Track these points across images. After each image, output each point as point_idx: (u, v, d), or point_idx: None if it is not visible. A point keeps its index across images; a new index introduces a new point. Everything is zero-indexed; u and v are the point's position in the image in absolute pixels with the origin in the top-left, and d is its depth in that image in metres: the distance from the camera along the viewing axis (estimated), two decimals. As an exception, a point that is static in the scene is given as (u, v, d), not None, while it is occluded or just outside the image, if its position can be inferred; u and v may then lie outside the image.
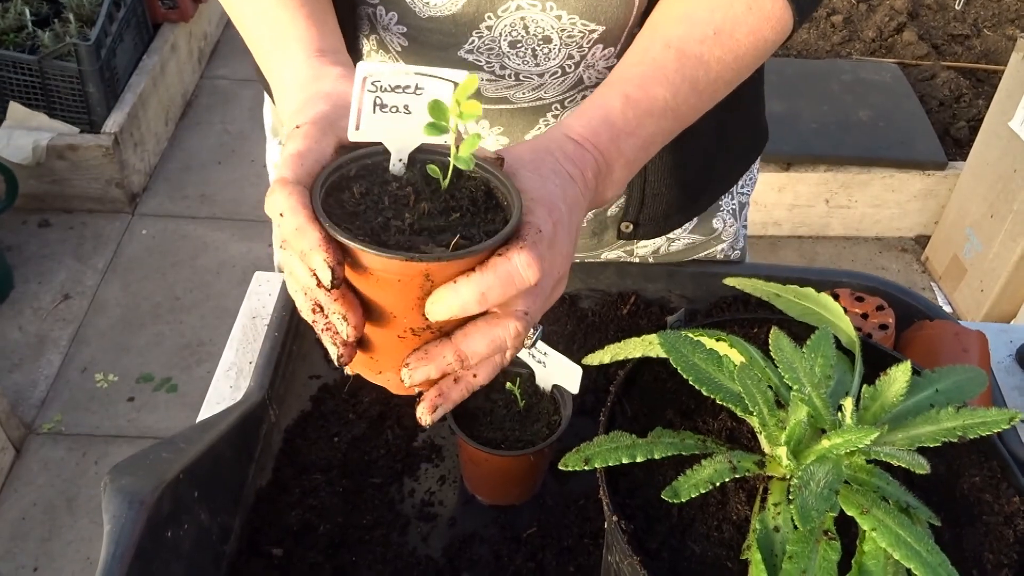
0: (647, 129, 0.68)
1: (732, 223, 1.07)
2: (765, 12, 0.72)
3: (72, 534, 2.08)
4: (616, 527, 0.61)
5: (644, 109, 0.68)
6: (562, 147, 0.63)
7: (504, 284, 0.53)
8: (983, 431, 0.61)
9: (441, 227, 0.54)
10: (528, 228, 0.54)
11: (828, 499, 0.56)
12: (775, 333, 0.66)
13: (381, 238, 0.52)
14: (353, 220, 0.53)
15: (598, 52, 0.80)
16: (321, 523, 0.84)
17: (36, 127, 2.74)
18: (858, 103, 2.91)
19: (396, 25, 0.80)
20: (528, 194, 0.57)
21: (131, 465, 0.71)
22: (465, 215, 0.55)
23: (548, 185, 0.59)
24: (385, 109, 0.55)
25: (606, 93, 0.68)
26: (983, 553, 0.63)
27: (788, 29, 0.74)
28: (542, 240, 0.54)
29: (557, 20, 0.77)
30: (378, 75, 0.54)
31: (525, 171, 0.59)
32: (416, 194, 0.55)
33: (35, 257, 2.74)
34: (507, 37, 0.78)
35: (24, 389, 2.38)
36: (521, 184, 0.58)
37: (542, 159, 0.61)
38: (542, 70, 0.81)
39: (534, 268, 0.53)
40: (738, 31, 0.71)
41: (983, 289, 2.63)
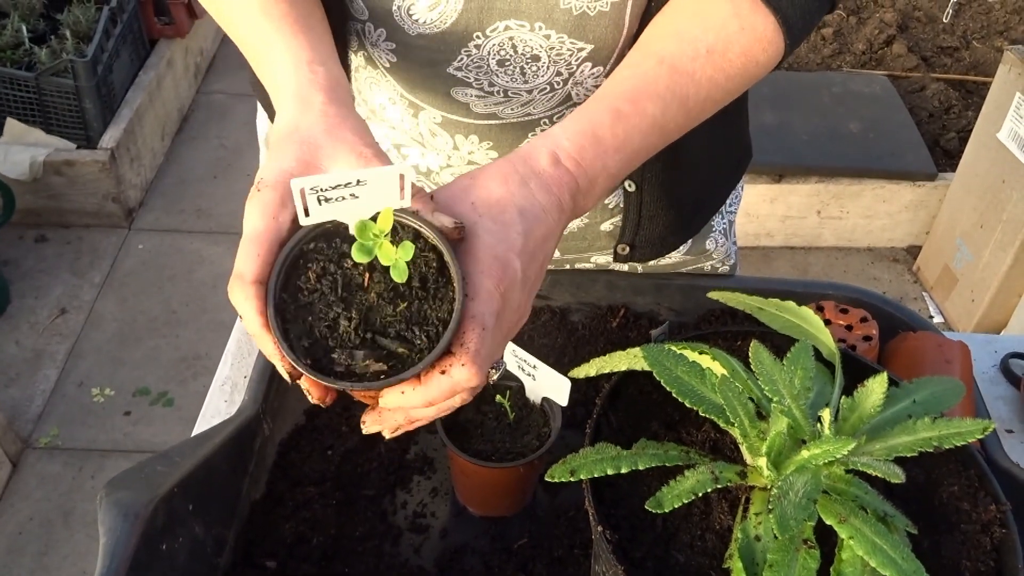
0: (633, 145, 0.69)
1: (723, 242, 1.09)
2: (757, 34, 0.73)
3: (68, 548, 2.08)
4: (601, 537, 0.62)
5: (633, 125, 0.68)
6: (539, 174, 0.64)
7: (447, 393, 0.57)
8: (958, 441, 0.63)
9: (388, 322, 0.58)
10: (471, 329, 0.57)
11: (807, 508, 0.58)
12: (755, 346, 0.68)
13: (328, 344, 0.57)
14: (305, 316, 0.57)
15: (587, 70, 0.81)
16: (314, 535, 0.85)
17: (33, 143, 2.75)
18: (849, 115, 2.94)
19: (384, 42, 0.82)
20: (480, 259, 0.59)
21: (126, 478, 0.72)
22: (413, 302, 0.58)
23: (509, 235, 0.60)
24: (330, 201, 0.57)
25: (596, 107, 0.69)
26: (961, 560, 0.64)
27: (780, 53, 0.75)
28: (486, 337, 0.57)
29: (545, 39, 0.78)
30: (315, 184, 0.56)
31: (487, 219, 0.60)
32: (370, 271, 0.58)
33: (32, 272, 2.75)
34: (495, 56, 0.79)
35: (21, 403, 2.39)
36: (478, 239, 0.59)
37: (511, 195, 0.62)
38: (530, 87, 0.82)
39: (476, 379, 0.57)
40: (730, 51, 0.72)
41: (974, 299, 2.65)
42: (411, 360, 0.57)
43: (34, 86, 2.69)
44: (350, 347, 0.57)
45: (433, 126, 0.88)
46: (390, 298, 0.58)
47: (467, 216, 0.60)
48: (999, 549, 0.65)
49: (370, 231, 0.56)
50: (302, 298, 0.58)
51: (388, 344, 0.57)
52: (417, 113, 0.87)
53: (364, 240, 0.56)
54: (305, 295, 0.58)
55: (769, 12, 0.72)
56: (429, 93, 0.85)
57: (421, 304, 0.58)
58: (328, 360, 0.56)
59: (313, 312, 0.57)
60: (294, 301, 0.58)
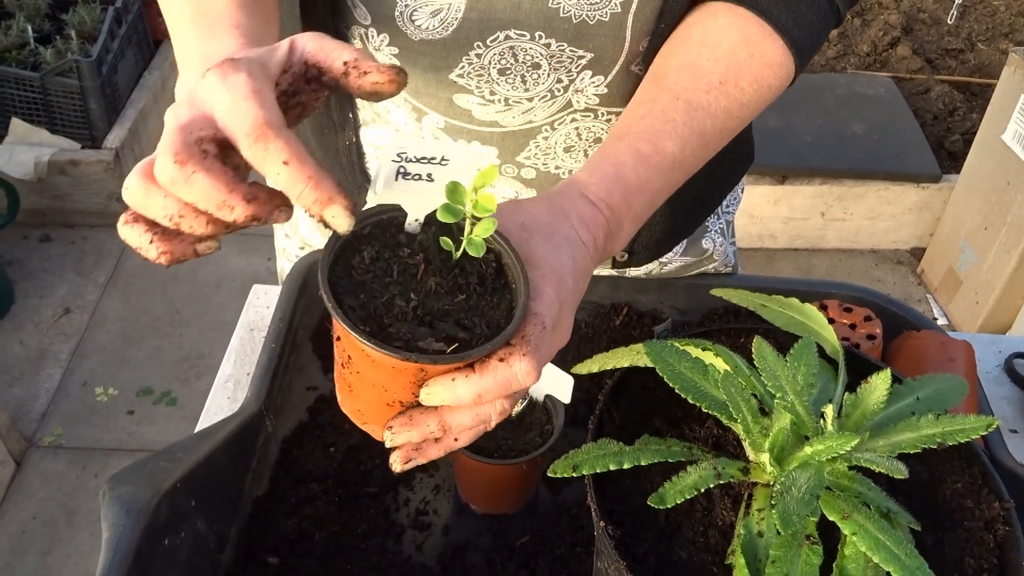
0: (656, 184, 0.69)
1: (721, 242, 1.09)
2: (767, 59, 0.73)
3: (72, 547, 2.09)
4: (604, 533, 0.62)
5: (654, 165, 0.68)
6: (578, 209, 0.63)
7: (501, 388, 0.53)
8: (962, 437, 0.63)
9: (445, 311, 0.55)
10: (533, 324, 0.54)
11: (809, 504, 0.58)
12: (758, 342, 0.67)
13: (384, 321, 0.53)
14: (358, 293, 0.54)
15: (587, 78, 0.81)
16: (317, 532, 0.85)
17: (38, 143, 2.76)
18: (853, 117, 2.94)
19: (387, 47, 0.82)
20: (539, 267, 0.57)
21: (129, 474, 0.72)
22: (471, 296, 0.56)
23: (561, 255, 0.59)
24: (408, 177, 0.55)
25: (617, 147, 0.68)
26: (964, 558, 0.64)
27: (791, 74, 0.75)
28: (545, 337, 0.54)
29: (546, 48, 0.78)
30: (405, 148, 0.54)
31: (540, 238, 0.59)
32: (426, 263, 0.56)
33: (36, 272, 2.76)
34: (496, 65, 0.80)
35: (25, 403, 2.39)
36: (534, 253, 0.58)
37: (558, 224, 0.61)
38: (531, 95, 0.82)
39: (533, 375, 0.53)
40: (742, 80, 0.72)
41: (978, 301, 2.64)
42: (471, 345, 0.53)
43: (39, 86, 2.70)
44: (409, 324, 0.53)
45: (436, 131, 0.88)
46: (448, 288, 0.55)
47: (517, 234, 0.59)
48: (1002, 546, 0.65)
49: (461, 194, 0.53)
50: (355, 276, 0.54)
51: (447, 328, 0.54)
52: (421, 118, 0.88)
53: (455, 202, 0.53)
54: (358, 274, 0.55)
55: (777, 36, 0.72)
56: (432, 98, 0.85)
57: (479, 299, 0.56)
58: (385, 334, 0.52)
59: (367, 291, 0.54)
60: (347, 277, 0.54)
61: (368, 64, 0.54)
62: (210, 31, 0.62)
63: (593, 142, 0.89)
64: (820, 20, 0.75)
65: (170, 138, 0.50)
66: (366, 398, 0.57)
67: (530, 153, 0.88)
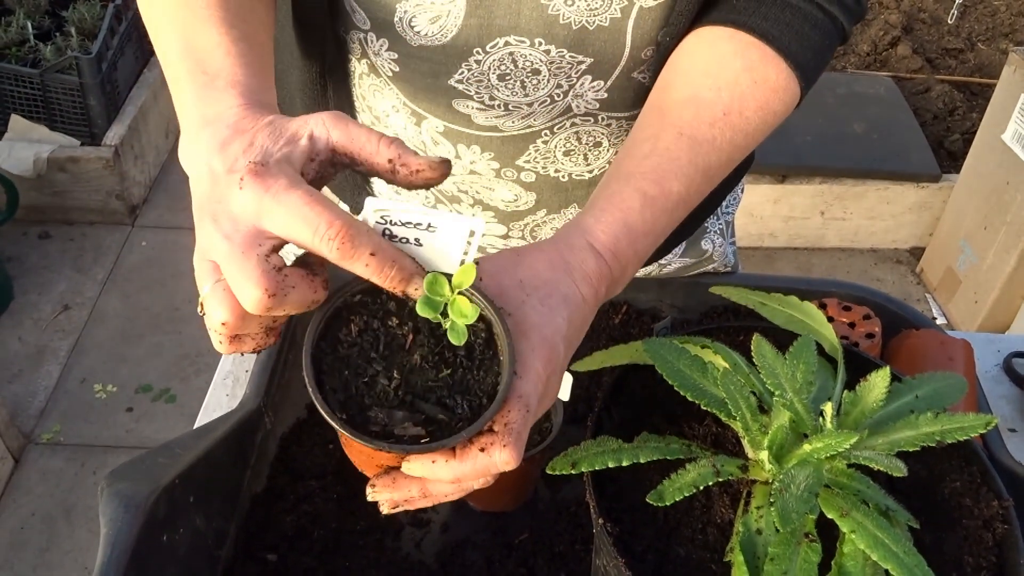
0: (661, 225, 0.68)
1: (720, 243, 1.09)
2: (771, 84, 0.71)
3: (70, 544, 2.09)
4: (603, 530, 0.62)
5: (660, 207, 0.67)
6: (582, 263, 0.62)
7: (480, 473, 0.53)
8: (960, 436, 0.63)
9: (428, 388, 0.55)
10: (517, 409, 0.54)
11: (808, 502, 0.58)
12: (757, 340, 0.67)
13: (364, 402, 0.54)
14: (342, 370, 0.54)
15: (587, 83, 0.81)
16: (315, 528, 0.85)
17: (37, 139, 2.76)
18: (853, 116, 2.94)
19: (387, 52, 0.82)
20: (531, 337, 0.56)
21: (128, 470, 0.72)
22: (457, 370, 0.55)
23: (556, 319, 0.58)
24: (395, 240, 0.54)
25: (624, 191, 0.67)
26: (963, 556, 0.64)
27: (796, 97, 0.73)
28: (528, 420, 0.54)
29: (545, 54, 0.78)
30: (388, 211, 0.53)
31: (536, 299, 0.58)
32: (415, 332, 0.56)
33: (35, 268, 2.76)
34: (496, 71, 0.79)
35: (23, 399, 2.39)
36: (527, 318, 0.57)
37: (558, 281, 0.60)
38: (531, 100, 0.82)
39: (513, 463, 0.53)
40: (747, 109, 0.70)
41: (977, 300, 2.65)
42: (451, 428, 0.54)
43: (39, 83, 2.70)
44: (388, 406, 0.54)
45: (435, 135, 0.88)
46: (434, 363, 0.55)
47: (514, 294, 0.58)
48: (1001, 545, 0.65)
49: (442, 287, 0.54)
50: (341, 351, 0.55)
51: (428, 409, 0.54)
52: (420, 122, 0.88)
53: (434, 295, 0.53)
54: (344, 348, 0.55)
55: (780, 59, 0.71)
56: (431, 103, 0.85)
57: (465, 373, 0.55)
58: (363, 417, 0.53)
59: (351, 366, 0.55)
60: (332, 352, 0.55)
61: (416, 162, 0.55)
62: (207, 88, 0.61)
63: (593, 146, 0.88)
64: (824, 40, 0.73)
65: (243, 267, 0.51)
66: (355, 456, 0.59)
67: (530, 157, 0.88)
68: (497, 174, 0.90)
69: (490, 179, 0.91)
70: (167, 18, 0.66)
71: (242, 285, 0.51)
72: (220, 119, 0.57)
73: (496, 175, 0.90)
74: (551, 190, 0.92)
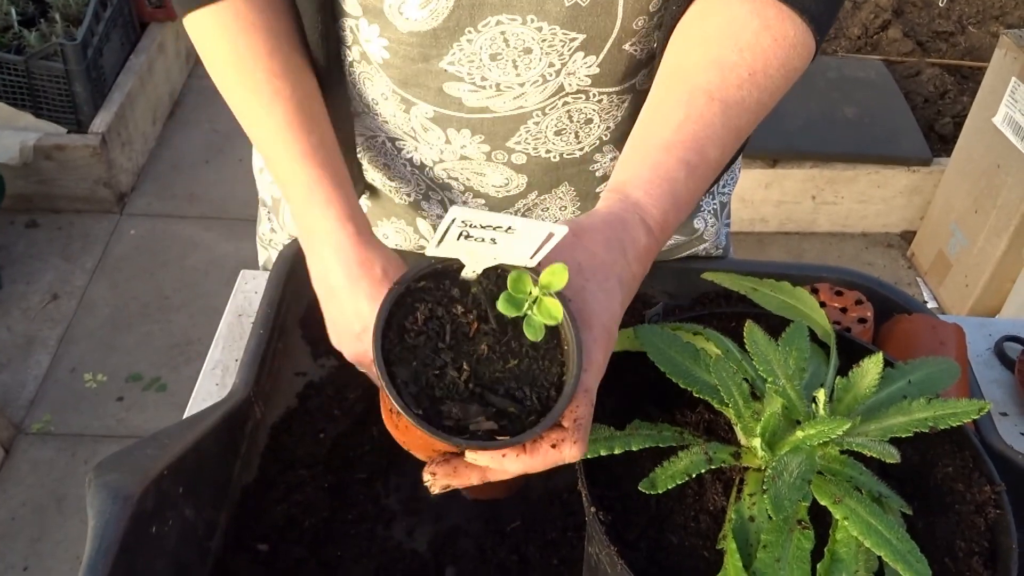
0: (700, 193, 0.69)
1: (713, 223, 1.08)
2: (790, 41, 0.71)
3: (61, 534, 2.08)
4: (595, 518, 0.62)
5: (701, 175, 0.68)
6: (636, 241, 0.63)
7: (548, 465, 0.55)
8: (954, 421, 0.62)
9: (497, 379, 0.55)
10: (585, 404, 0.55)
11: (801, 489, 0.58)
12: (749, 326, 0.67)
13: (436, 394, 0.54)
14: (410, 361, 0.54)
15: (579, 60, 0.80)
16: (306, 518, 0.84)
17: (23, 127, 2.73)
18: (844, 100, 2.93)
19: (378, 38, 0.81)
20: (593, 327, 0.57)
21: (115, 461, 0.71)
22: (523, 360, 0.56)
23: (613, 305, 0.60)
24: (470, 239, 0.54)
25: (668, 162, 0.67)
26: (955, 541, 0.64)
27: (812, 52, 0.73)
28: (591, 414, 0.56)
29: (538, 32, 0.77)
30: (470, 218, 0.52)
31: (595, 283, 0.59)
32: (480, 321, 0.56)
33: (23, 257, 2.73)
34: (487, 50, 0.79)
35: (13, 389, 2.38)
36: (587, 305, 0.58)
37: (613, 262, 0.61)
38: (523, 80, 0.81)
39: (579, 455, 0.55)
40: (770, 67, 0.70)
41: (968, 284, 2.65)
42: (521, 421, 0.54)
43: (23, 70, 2.67)
44: (460, 400, 0.54)
45: (425, 121, 0.87)
46: (500, 353, 0.55)
47: (574, 279, 0.58)
48: (993, 529, 0.65)
49: (526, 285, 0.54)
50: (408, 340, 0.55)
51: (498, 401, 0.54)
52: (409, 108, 0.87)
53: (516, 292, 0.54)
54: (411, 337, 0.55)
55: (795, 15, 0.71)
56: (421, 88, 0.84)
57: (531, 363, 0.56)
58: (436, 411, 0.53)
59: (419, 357, 0.54)
60: (400, 342, 0.55)
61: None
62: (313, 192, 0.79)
63: (584, 123, 0.88)
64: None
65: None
66: (412, 442, 0.59)
67: (520, 138, 0.88)
68: (488, 157, 0.89)
69: (480, 163, 0.90)
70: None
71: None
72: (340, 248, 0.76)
73: (487, 159, 0.90)
74: (542, 171, 0.92)
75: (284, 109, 0.78)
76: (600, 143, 0.91)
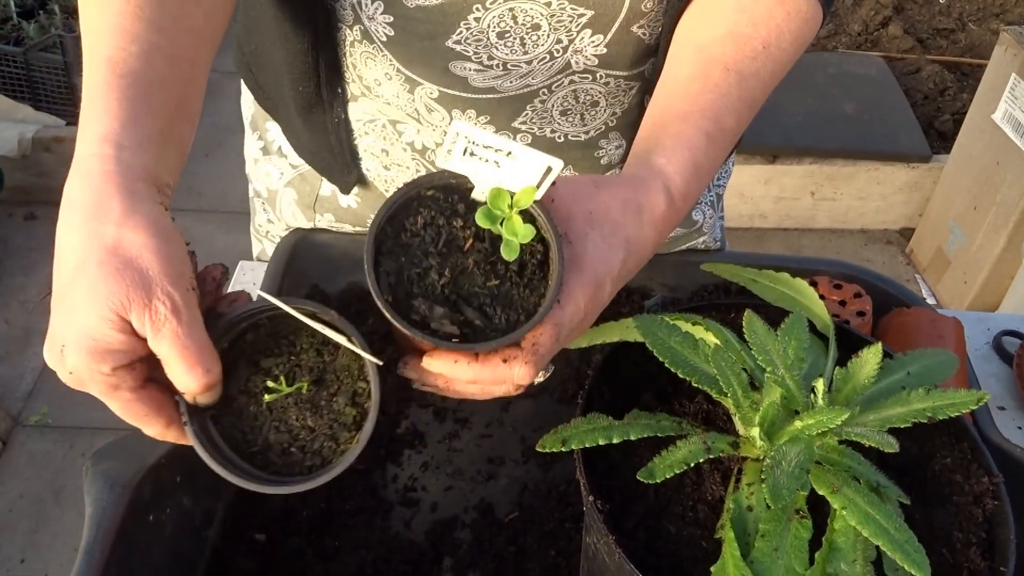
0: (718, 163, 0.70)
1: (711, 214, 1.08)
2: (803, 14, 0.72)
3: (59, 526, 2.08)
4: (593, 507, 0.62)
5: (719, 145, 0.69)
6: (655, 207, 0.63)
7: (495, 382, 0.57)
8: (952, 412, 0.62)
9: (474, 293, 0.57)
10: (548, 334, 0.56)
11: (799, 478, 0.57)
12: (749, 316, 0.67)
13: (412, 290, 0.57)
14: (399, 256, 0.57)
15: (586, 37, 0.80)
16: (304, 508, 0.84)
17: (21, 119, 2.73)
18: (844, 96, 2.93)
19: (382, 15, 0.80)
20: (583, 272, 0.58)
21: (113, 450, 0.71)
22: (504, 283, 0.58)
23: (611, 259, 0.60)
24: (475, 156, 0.56)
25: (687, 131, 0.67)
26: (953, 532, 0.64)
27: (819, 24, 0.75)
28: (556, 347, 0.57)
29: (546, 7, 0.77)
30: (472, 135, 0.56)
31: (599, 234, 0.60)
32: (475, 239, 0.58)
33: (21, 250, 2.73)
34: (495, 28, 0.78)
35: (10, 382, 2.38)
36: (586, 252, 0.59)
37: (627, 222, 0.62)
38: (530, 57, 0.81)
39: (528, 380, 0.56)
40: (783, 40, 0.72)
41: (966, 281, 2.65)
42: (484, 336, 0.56)
43: (22, 61, 2.67)
44: (432, 300, 0.57)
45: (429, 101, 0.87)
46: (485, 271, 0.58)
47: (580, 224, 0.60)
48: (991, 521, 0.65)
49: (503, 202, 0.56)
50: (403, 238, 0.58)
51: (468, 312, 0.57)
52: (413, 88, 0.86)
53: (494, 207, 0.56)
54: (407, 236, 0.58)
55: None
56: (426, 68, 0.83)
57: (512, 288, 0.58)
58: (407, 304, 0.56)
59: (408, 254, 0.58)
60: (395, 237, 0.58)
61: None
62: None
63: (590, 105, 0.88)
64: None
65: None
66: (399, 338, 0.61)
67: (526, 118, 0.87)
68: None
69: None
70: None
71: None
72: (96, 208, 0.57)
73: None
74: (547, 152, 0.92)
75: (120, 11, 0.61)
76: (606, 128, 0.91)
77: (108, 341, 0.54)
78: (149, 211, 0.56)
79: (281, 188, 1.06)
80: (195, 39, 0.66)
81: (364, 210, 1.04)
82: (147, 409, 0.57)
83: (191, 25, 0.65)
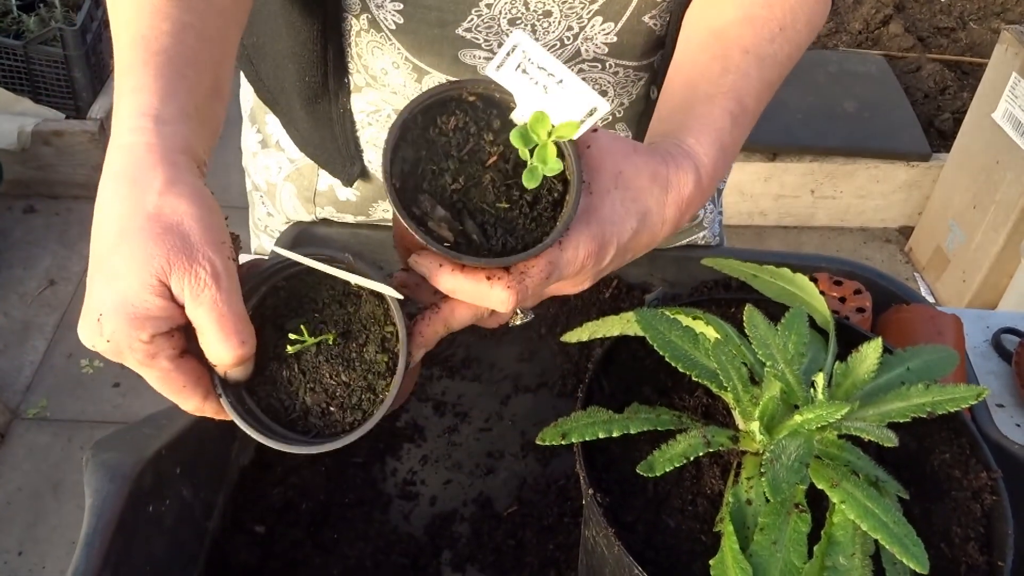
0: (740, 143, 0.70)
1: (711, 209, 1.09)
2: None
3: (57, 519, 2.08)
4: (593, 500, 0.62)
5: (742, 125, 0.69)
6: (682, 187, 0.62)
7: (473, 297, 0.56)
8: (951, 407, 0.62)
9: (480, 209, 0.56)
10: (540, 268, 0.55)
11: (799, 472, 0.58)
12: (749, 310, 0.67)
13: (422, 185, 0.56)
14: (420, 148, 0.56)
15: (597, 25, 0.80)
16: (303, 501, 0.85)
17: (21, 112, 2.72)
18: (844, 94, 2.93)
19: (391, 3, 0.80)
20: (593, 224, 0.57)
21: (113, 440, 0.71)
22: (513, 209, 0.57)
23: (626, 224, 0.59)
24: (526, 75, 0.56)
25: (712, 112, 0.67)
26: (951, 527, 0.64)
27: (828, 8, 0.76)
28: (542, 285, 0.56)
29: None
30: (530, 50, 0.55)
31: (619, 197, 0.59)
32: (500, 158, 0.57)
33: (20, 243, 2.73)
34: (507, 15, 0.78)
35: (9, 375, 2.38)
36: (601, 208, 0.58)
37: (650, 194, 0.61)
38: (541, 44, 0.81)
39: (507, 307, 0.55)
40: (798, 23, 0.72)
41: (965, 280, 2.65)
42: (476, 252, 0.55)
43: (22, 55, 2.66)
44: (437, 201, 0.56)
45: None
46: (498, 192, 0.57)
47: (606, 180, 0.59)
48: (989, 516, 0.65)
49: (544, 127, 0.55)
50: (430, 133, 0.57)
51: (468, 225, 0.56)
52: (421, 78, 0.86)
53: (532, 130, 0.55)
54: (433, 132, 0.57)
55: None
56: (436, 56, 0.83)
57: (519, 217, 0.57)
58: (412, 196, 0.55)
59: (431, 150, 0.57)
60: (423, 130, 0.57)
61: None
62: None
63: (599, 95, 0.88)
64: None
65: None
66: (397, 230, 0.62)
67: None
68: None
69: None
70: None
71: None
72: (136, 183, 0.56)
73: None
74: None
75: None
76: (613, 119, 0.91)
77: (147, 307, 0.53)
78: (192, 182, 0.57)
79: (280, 182, 1.06)
80: (224, 19, 0.66)
81: (363, 203, 1.04)
82: (185, 380, 0.56)
83: (220, 5, 0.66)
